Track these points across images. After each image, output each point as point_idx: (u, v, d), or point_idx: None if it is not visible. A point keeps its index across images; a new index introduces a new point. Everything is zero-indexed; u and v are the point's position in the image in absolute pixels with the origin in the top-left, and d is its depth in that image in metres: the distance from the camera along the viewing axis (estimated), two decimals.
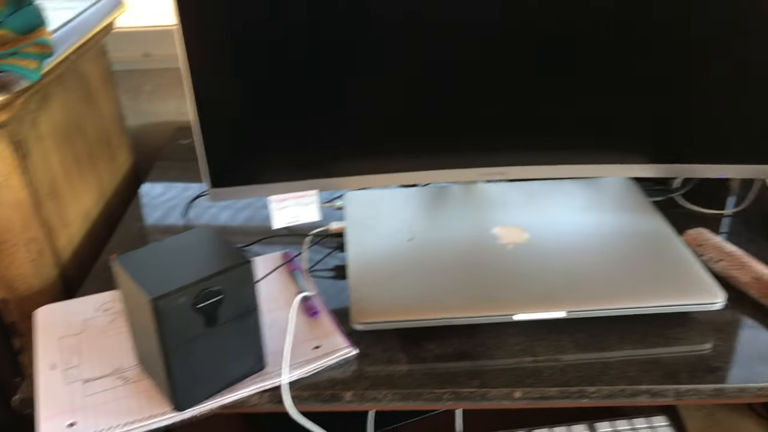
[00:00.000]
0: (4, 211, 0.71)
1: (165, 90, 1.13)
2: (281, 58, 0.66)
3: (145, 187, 0.96)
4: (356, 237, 0.78)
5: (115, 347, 0.67)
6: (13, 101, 0.66)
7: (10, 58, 0.67)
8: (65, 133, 0.82)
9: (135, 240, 0.85)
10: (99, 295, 0.74)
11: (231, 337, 0.59)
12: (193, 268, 0.57)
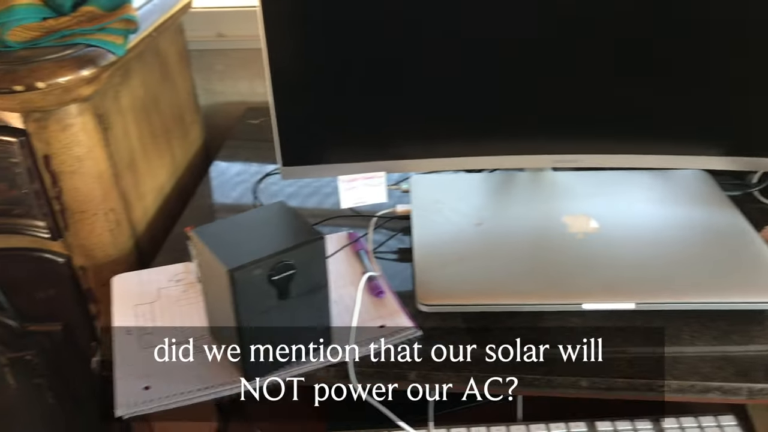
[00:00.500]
0: (86, 182, 0.74)
1: (236, 70, 1.15)
2: (357, 40, 0.67)
3: (215, 165, 0.99)
4: (422, 220, 0.78)
5: (188, 316, 0.69)
6: (100, 75, 0.68)
7: (98, 33, 0.70)
8: (143, 108, 0.85)
9: (205, 216, 0.87)
10: (172, 266, 0.76)
11: (301, 311, 0.61)
12: (268, 241, 0.58)
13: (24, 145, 0.70)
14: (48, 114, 0.69)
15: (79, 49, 0.67)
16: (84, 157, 0.72)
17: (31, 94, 0.64)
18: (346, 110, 0.71)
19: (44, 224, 0.76)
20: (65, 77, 0.65)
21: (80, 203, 0.74)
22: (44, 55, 0.66)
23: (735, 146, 0.73)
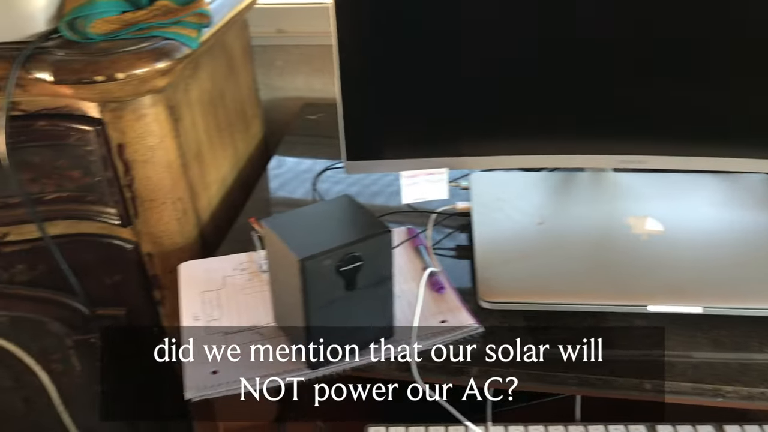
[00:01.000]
0: (157, 171, 0.76)
1: (295, 66, 1.17)
2: (424, 37, 0.67)
3: (274, 160, 1.00)
4: (483, 217, 0.78)
5: (253, 304, 0.70)
6: (174, 67, 0.70)
7: (173, 26, 0.72)
8: (210, 101, 0.87)
9: (266, 208, 0.89)
10: (236, 256, 0.78)
11: (366, 303, 0.61)
12: (337, 233, 0.60)
13: (99, 134, 0.73)
14: (123, 104, 0.71)
15: (155, 42, 0.69)
16: (156, 147, 0.75)
17: (110, 84, 0.67)
18: (410, 107, 0.71)
19: (115, 211, 0.78)
20: (143, 69, 0.67)
21: (150, 192, 0.77)
22: (123, 47, 0.68)
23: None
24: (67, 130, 0.74)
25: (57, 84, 0.66)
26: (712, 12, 0.64)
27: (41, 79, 0.67)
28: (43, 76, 0.66)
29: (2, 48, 0.69)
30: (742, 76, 0.67)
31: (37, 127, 0.74)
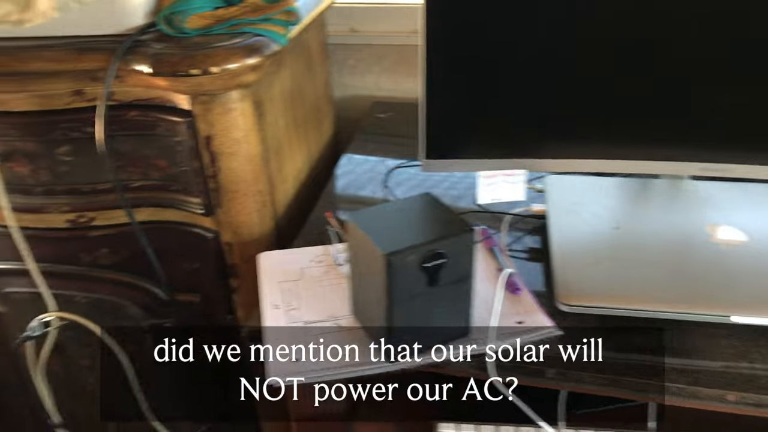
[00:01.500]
0: (241, 164, 0.78)
1: (366, 65, 1.18)
2: (511, 40, 0.68)
3: (345, 157, 1.02)
4: (559, 220, 0.78)
5: (330, 296, 0.72)
6: (263, 63, 0.72)
7: (263, 23, 0.74)
8: (290, 97, 0.89)
9: (338, 204, 0.91)
10: (312, 248, 0.80)
11: (446, 300, 0.62)
12: (421, 230, 0.60)
13: (189, 126, 0.76)
14: (213, 98, 0.74)
15: (247, 38, 0.72)
16: (241, 140, 0.77)
17: (204, 78, 0.69)
18: (493, 107, 0.72)
19: (199, 201, 0.81)
20: (235, 64, 0.69)
21: (234, 183, 0.79)
22: (216, 42, 0.71)
23: None
24: (157, 120, 0.77)
25: (154, 76, 0.69)
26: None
27: (139, 71, 0.70)
28: (142, 68, 0.69)
29: (102, 40, 0.72)
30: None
31: (129, 117, 0.77)
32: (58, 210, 0.83)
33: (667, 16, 0.65)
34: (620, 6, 0.65)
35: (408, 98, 1.19)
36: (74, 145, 0.79)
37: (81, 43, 0.72)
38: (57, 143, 0.79)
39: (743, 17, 0.64)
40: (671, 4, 0.64)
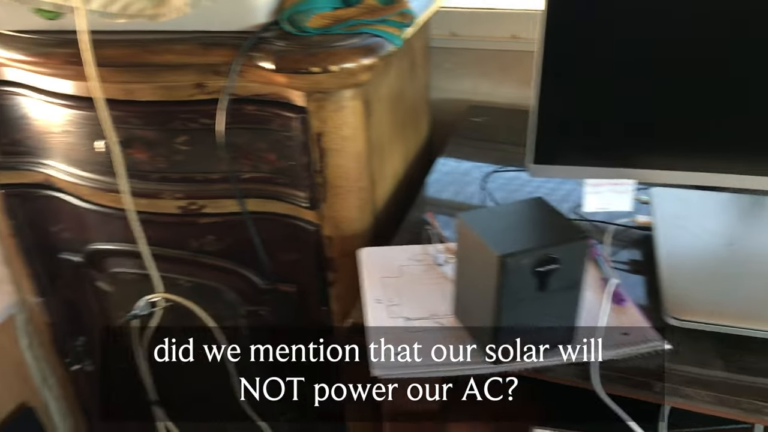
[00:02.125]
0: (347, 160, 0.81)
1: (463, 69, 1.19)
2: (627, 50, 0.67)
3: (441, 159, 1.03)
4: (667, 233, 0.76)
5: (430, 295, 0.73)
6: (379, 64, 0.74)
7: (379, 24, 0.76)
8: (394, 98, 0.91)
9: (434, 205, 0.91)
10: (411, 247, 0.81)
11: (554, 306, 0.62)
12: (534, 234, 0.61)
13: (302, 122, 0.78)
14: (327, 95, 0.76)
15: (364, 38, 0.74)
16: (349, 138, 0.79)
17: (323, 75, 0.71)
18: (605, 115, 0.71)
19: (305, 194, 0.84)
20: (353, 63, 0.71)
21: (339, 179, 0.81)
22: (335, 41, 0.73)
23: None
24: (272, 115, 0.80)
25: (276, 72, 0.72)
26: None
27: (261, 67, 0.73)
28: (264, 64, 0.72)
29: (226, 36, 0.76)
30: None
31: (246, 111, 0.80)
32: (172, 196, 0.88)
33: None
34: (736, 17, 0.64)
35: (504, 103, 1.19)
36: (191, 135, 0.83)
37: (206, 38, 0.75)
38: (175, 133, 0.83)
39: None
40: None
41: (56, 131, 0.90)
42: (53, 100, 0.87)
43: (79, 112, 0.86)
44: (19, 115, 0.92)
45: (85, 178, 0.92)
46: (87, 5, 0.72)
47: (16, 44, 0.81)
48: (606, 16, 0.65)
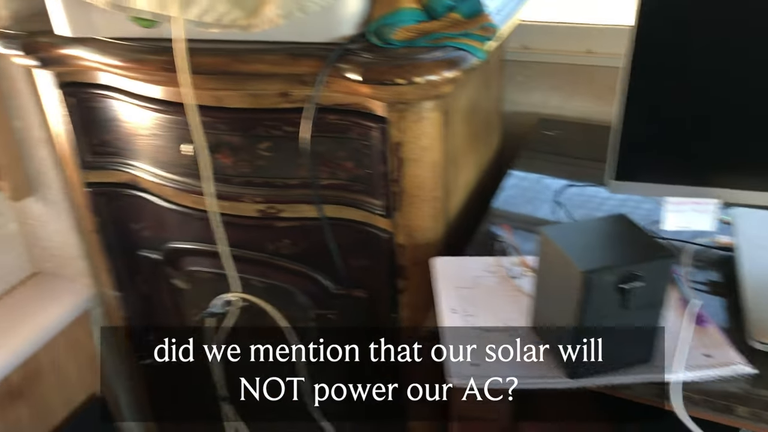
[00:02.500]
0: (424, 170, 0.82)
1: (535, 81, 1.19)
2: (716, 71, 0.67)
3: (513, 172, 1.03)
4: (750, 254, 0.75)
5: (506, 307, 0.73)
6: (461, 76, 0.75)
7: (462, 37, 0.77)
8: (470, 110, 0.92)
9: (506, 218, 0.92)
10: (485, 258, 0.82)
11: (635, 324, 0.62)
12: (618, 250, 0.61)
13: (382, 132, 0.80)
14: (409, 106, 0.77)
15: (448, 52, 0.75)
16: (427, 148, 0.80)
17: (407, 87, 0.73)
18: (691, 133, 0.70)
19: (380, 203, 0.85)
20: (437, 75, 0.73)
21: (415, 188, 0.83)
22: (419, 54, 0.75)
23: None
24: (352, 124, 0.82)
25: (362, 83, 0.74)
26: None
27: (347, 78, 0.75)
28: (352, 75, 0.74)
29: (314, 47, 0.78)
30: None
31: (328, 120, 0.82)
32: (252, 200, 0.91)
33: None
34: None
35: (575, 117, 1.18)
36: (274, 141, 0.86)
37: (295, 48, 0.78)
38: (259, 139, 0.86)
39: None
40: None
41: (144, 134, 0.94)
42: (143, 104, 0.91)
43: (168, 116, 0.90)
44: (109, 117, 0.97)
45: (169, 179, 0.95)
46: (184, 15, 0.76)
47: (113, 50, 0.85)
48: (700, 34, 0.65)
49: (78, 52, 0.87)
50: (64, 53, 0.89)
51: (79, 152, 1.01)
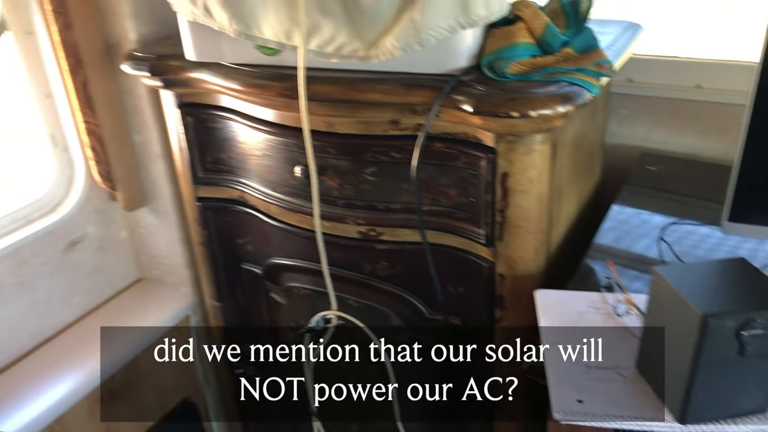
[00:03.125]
0: (530, 201, 0.82)
1: (638, 115, 1.17)
2: None
3: (615, 207, 1.02)
4: None
5: (610, 345, 0.72)
6: (574, 111, 0.76)
7: (576, 73, 0.78)
8: (576, 142, 0.92)
9: (608, 254, 0.91)
10: (589, 294, 0.81)
11: (753, 372, 0.60)
12: (739, 296, 0.59)
13: (489, 162, 0.81)
14: (519, 138, 0.78)
15: (561, 86, 0.76)
16: (535, 180, 0.81)
17: (520, 120, 0.74)
18: None
19: (482, 231, 0.86)
20: (550, 110, 0.73)
21: (520, 219, 0.83)
22: (533, 88, 0.76)
23: None
24: (459, 153, 0.84)
25: (474, 114, 0.75)
26: None
27: (459, 108, 0.77)
28: (465, 106, 0.76)
29: (426, 78, 0.80)
30: None
31: (434, 148, 0.84)
32: (354, 221, 0.94)
33: None
34: None
35: (679, 153, 1.15)
36: (380, 167, 0.89)
37: (408, 79, 0.81)
38: (366, 164, 0.89)
39: None
40: None
41: (256, 154, 0.99)
42: (257, 126, 0.96)
43: (280, 138, 0.94)
44: (224, 137, 1.02)
45: (276, 198, 1.00)
46: (307, 45, 0.80)
47: (235, 75, 0.90)
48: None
49: (202, 75, 0.93)
50: (189, 76, 0.95)
51: (192, 168, 1.07)
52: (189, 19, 0.87)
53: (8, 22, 1.09)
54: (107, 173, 1.19)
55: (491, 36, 0.80)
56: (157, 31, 1.13)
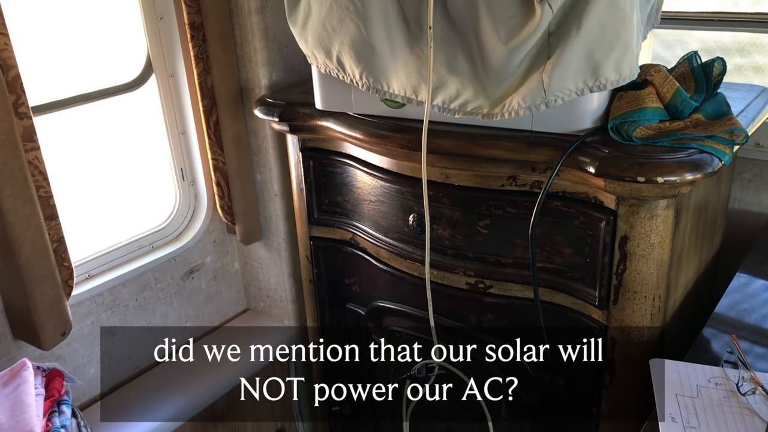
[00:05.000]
0: (649, 267, 0.80)
1: (764, 181, 1.12)
2: None
3: (739, 275, 0.97)
4: None
5: (733, 425, 0.69)
6: (703, 179, 0.74)
7: (707, 140, 0.76)
8: (700, 208, 0.89)
9: (731, 326, 0.86)
10: (709, 368, 0.77)
11: None
12: None
13: (608, 224, 0.80)
14: (641, 202, 0.77)
15: (690, 153, 0.74)
16: (656, 245, 0.79)
17: (645, 185, 0.73)
18: None
19: (596, 293, 0.85)
20: (678, 177, 0.72)
21: (637, 284, 0.81)
22: (660, 153, 0.75)
23: None
24: (577, 213, 0.83)
25: (597, 176, 0.75)
26: None
27: (583, 169, 0.77)
28: (587, 167, 0.76)
29: (549, 137, 0.81)
30: None
31: (552, 206, 0.84)
32: (463, 272, 0.94)
33: None
34: None
35: None
36: (493, 220, 0.90)
37: (532, 137, 0.82)
38: (479, 216, 0.90)
39: None
40: None
41: (371, 199, 1.02)
42: (375, 173, 0.99)
43: (396, 186, 0.97)
44: (342, 182, 1.06)
45: (387, 242, 1.02)
46: (432, 100, 0.83)
47: (359, 125, 0.94)
48: None
49: (328, 123, 0.98)
50: (316, 123, 1.00)
51: (309, 208, 1.12)
52: (322, 71, 0.92)
53: (154, 65, 1.20)
54: (228, 207, 1.26)
55: (619, 99, 0.80)
56: (286, 78, 1.20)
